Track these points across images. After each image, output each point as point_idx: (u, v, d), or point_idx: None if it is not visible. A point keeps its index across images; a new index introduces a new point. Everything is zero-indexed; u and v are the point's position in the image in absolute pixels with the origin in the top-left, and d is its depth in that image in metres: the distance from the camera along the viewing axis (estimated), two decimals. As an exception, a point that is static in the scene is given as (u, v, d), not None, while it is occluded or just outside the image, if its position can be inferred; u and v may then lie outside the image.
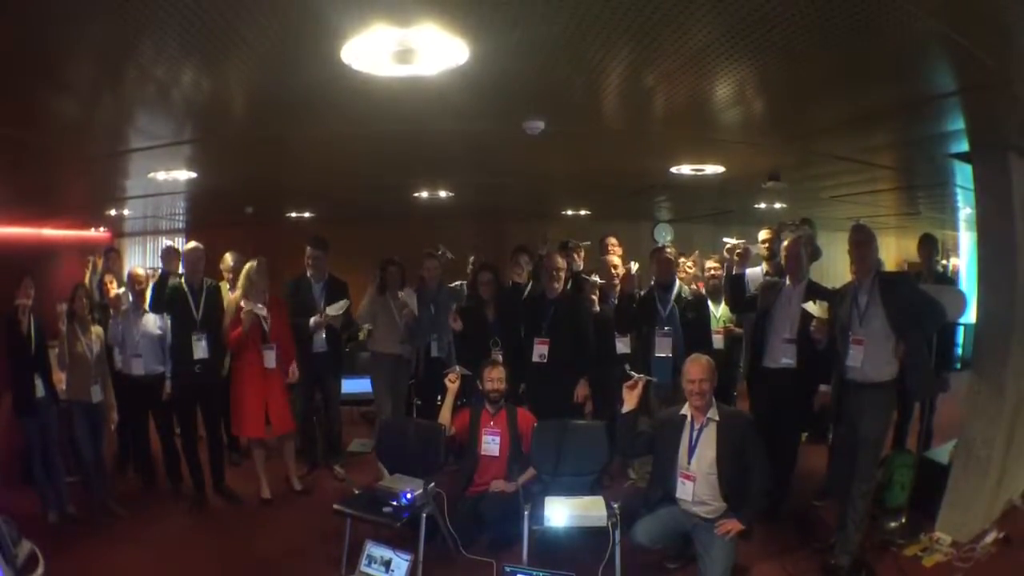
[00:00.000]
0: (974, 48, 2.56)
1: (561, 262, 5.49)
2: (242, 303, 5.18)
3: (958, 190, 6.65)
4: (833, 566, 4.05)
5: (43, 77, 2.84)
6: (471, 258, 6.76)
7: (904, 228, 11.02)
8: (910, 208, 8.82)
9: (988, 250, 4.49)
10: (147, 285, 5.45)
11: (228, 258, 6.17)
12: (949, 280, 5.77)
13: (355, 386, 6.76)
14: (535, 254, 6.23)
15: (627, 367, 5.24)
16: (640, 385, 4.06)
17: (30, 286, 4.77)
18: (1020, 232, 4.26)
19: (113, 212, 8.51)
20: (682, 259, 6.25)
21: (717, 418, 3.88)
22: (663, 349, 5.08)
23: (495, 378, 4.71)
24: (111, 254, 6.94)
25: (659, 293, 5.25)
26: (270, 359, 5.26)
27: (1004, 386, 4.31)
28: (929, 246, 5.93)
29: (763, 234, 5.86)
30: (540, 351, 5.36)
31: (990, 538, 4.23)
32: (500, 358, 5.11)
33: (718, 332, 5.77)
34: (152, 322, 5.33)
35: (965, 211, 8.31)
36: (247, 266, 5.28)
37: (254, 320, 5.18)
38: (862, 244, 4.21)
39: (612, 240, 6.52)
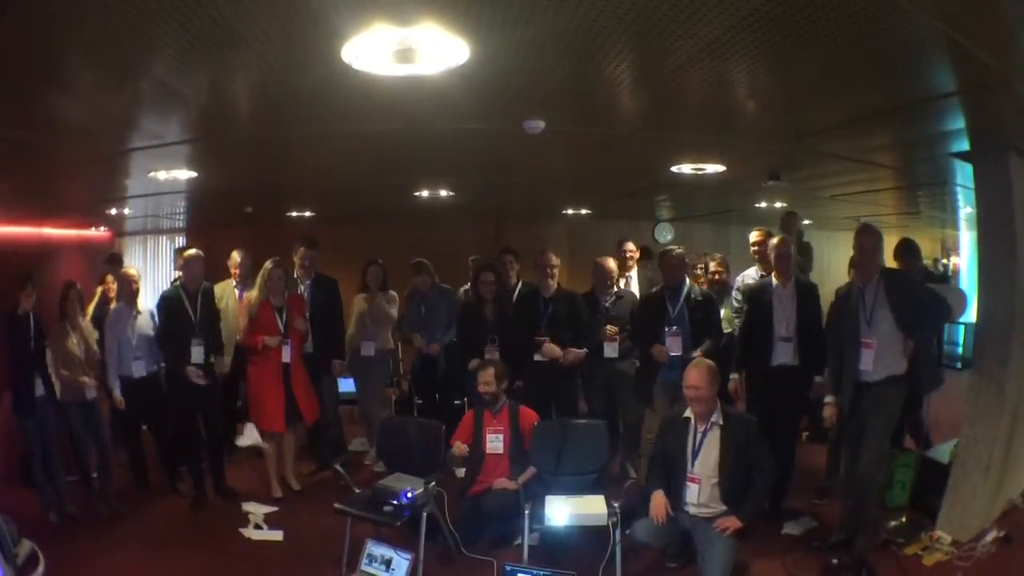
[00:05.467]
0: (974, 48, 2.57)
1: (555, 259, 5.53)
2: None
3: (958, 189, 6.66)
4: (835, 566, 4.05)
5: (43, 77, 2.84)
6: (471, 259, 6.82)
7: (905, 228, 11.03)
8: (911, 207, 8.83)
9: (988, 249, 4.49)
10: (139, 284, 5.44)
11: (236, 255, 6.19)
12: (948, 279, 5.74)
13: (353, 385, 6.72)
14: (520, 254, 6.35)
15: (636, 363, 5.44)
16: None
17: (32, 291, 4.79)
18: (1020, 232, 4.26)
19: (113, 211, 8.50)
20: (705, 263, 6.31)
21: (721, 422, 3.88)
22: (673, 348, 5.07)
23: (484, 380, 4.72)
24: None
25: (669, 293, 5.24)
26: (287, 354, 5.31)
27: (1004, 385, 4.30)
28: (908, 251, 5.66)
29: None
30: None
31: (990, 537, 4.23)
32: (497, 355, 5.17)
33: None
34: (146, 323, 5.32)
35: (966, 210, 8.31)
36: (264, 267, 5.33)
37: (271, 316, 5.30)
38: (869, 251, 4.21)
39: (630, 245, 6.53)
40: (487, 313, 5.67)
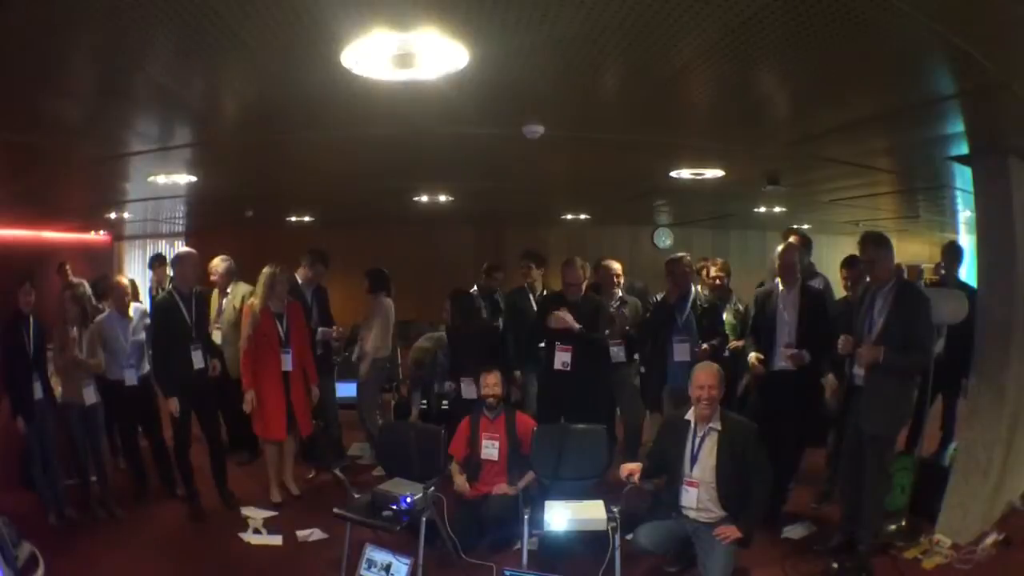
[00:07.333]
0: (972, 50, 2.57)
1: (581, 273, 5.48)
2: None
3: (958, 193, 6.66)
4: (835, 570, 4.05)
5: (44, 81, 2.85)
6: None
7: (903, 231, 11.05)
8: (910, 211, 8.83)
9: (988, 253, 4.49)
10: (130, 295, 5.41)
11: (218, 262, 6.18)
12: (963, 285, 5.74)
13: (351, 390, 6.70)
14: (541, 259, 6.31)
15: (641, 369, 5.50)
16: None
17: (30, 291, 4.77)
18: (1020, 235, 4.26)
19: (113, 215, 8.52)
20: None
21: (719, 427, 3.88)
22: (681, 355, 5.09)
23: (491, 384, 4.72)
24: (60, 269, 7.14)
25: (676, 300, 5.26)
26: (287, 362, 5.29)
27: (1004, 388, 4.31)
28: (953, 254, 5.92)
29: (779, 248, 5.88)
30: (563, 359, 5.30)
31: (990, 540, 4.22)
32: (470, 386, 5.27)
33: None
34: (138, 328, 5.28)
35: (965, 214, 8.31)
36: (266, 272, 5.28)
37: (272, 323, 5.25)
38: (873, 262, 4.19)
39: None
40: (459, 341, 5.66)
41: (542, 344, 5.51)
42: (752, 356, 4.85)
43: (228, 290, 6.20)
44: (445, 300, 5.82)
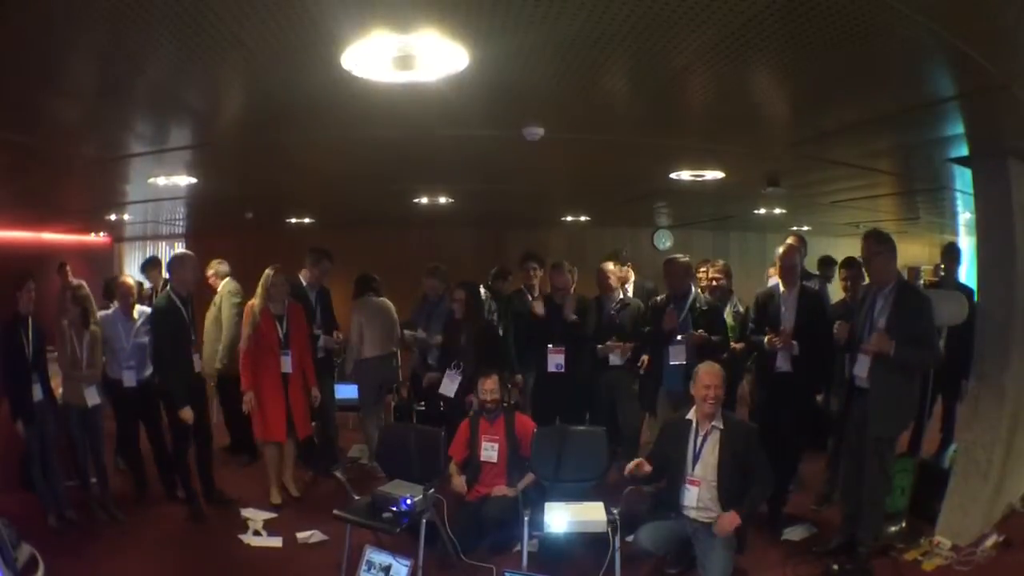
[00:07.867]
0: (973, 52, 2.57)
1: (567, 278, 5.49)
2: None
3: (958, 194, 6.66)
4: (835, 571, 4.05)
5: (42, 82, 2.85)
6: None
7: (903, 233, 11.04)
8: (910, 213, 8.83)
9: (988, 255, 4.49)
10: (135, 296, 5.42)
11: (216, 264, 6.20)
12: (962, 287, 5.74)
13: (352, 392, 6.69)
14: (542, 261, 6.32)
15: (640, 369, 5.44)
16: None
17: (32, 289, 4.76)
18: (1019, 236, 4.26)
19: (113, 217, 8.52)
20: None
21: (721, 427, 3.91)
22: (677, 357, 5.05)
23: (489, 389, 4.72)
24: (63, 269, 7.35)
25: (674, 303, 5.22)
26: (287, 364, 5.28)
27: (1004, 390, 4.31)
28: (953, 256, 5.96)
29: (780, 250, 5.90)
30: (556, 360, 5.33)
31: (990, 541, 4.22)
32: (458, 381, 5.29)
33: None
34: (140, 330, 5.28)
35: (965, 215, 8.32)
36: (266, 274, 5.29)
37: (271, 324, 5.25)
38: (877, 256, 4.19)
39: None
40: (461, 337, 5.55)
41: None
42: (766, 339, 4.77)
43: (219, 289, 6.24)
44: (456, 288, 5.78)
